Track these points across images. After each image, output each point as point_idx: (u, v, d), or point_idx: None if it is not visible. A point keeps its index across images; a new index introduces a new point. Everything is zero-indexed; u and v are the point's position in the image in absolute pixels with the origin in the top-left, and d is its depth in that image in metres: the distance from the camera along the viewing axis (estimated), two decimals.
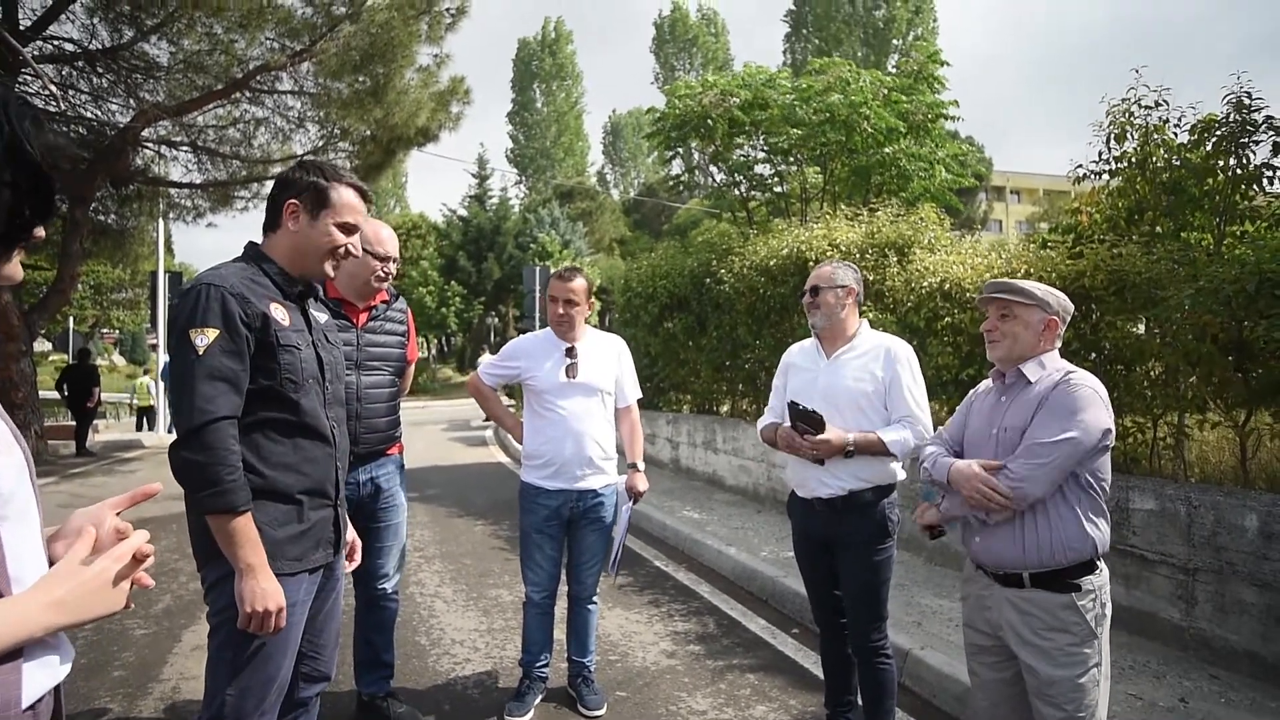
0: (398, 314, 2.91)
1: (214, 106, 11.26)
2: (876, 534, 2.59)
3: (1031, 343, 2.05)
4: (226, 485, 1.62)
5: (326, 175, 1.84)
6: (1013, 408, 2.07)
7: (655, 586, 4.74)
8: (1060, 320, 2.07)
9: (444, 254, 32.42)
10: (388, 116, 9.88)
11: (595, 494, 3.08)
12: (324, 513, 1.84)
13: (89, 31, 10.82)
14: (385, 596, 2.92)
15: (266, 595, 1.64)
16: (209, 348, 1.64)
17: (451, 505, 7.18)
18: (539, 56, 53.30)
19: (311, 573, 1.81)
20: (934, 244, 5.23)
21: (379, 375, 2.78)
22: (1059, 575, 1.96)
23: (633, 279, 8.71)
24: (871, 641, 2.61)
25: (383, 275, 2.74)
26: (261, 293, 1.76)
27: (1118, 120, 4.97)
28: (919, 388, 2.62)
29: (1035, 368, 2.06)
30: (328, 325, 1.99)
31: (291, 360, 1.75)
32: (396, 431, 2.90)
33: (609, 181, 56.00)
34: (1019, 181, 45.08)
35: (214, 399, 1.64)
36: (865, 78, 7.45)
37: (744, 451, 6.93)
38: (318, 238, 1.82)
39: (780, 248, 5.97)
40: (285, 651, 1.75)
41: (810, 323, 2.72)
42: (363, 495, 2.75)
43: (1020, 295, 2.06)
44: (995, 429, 2.09)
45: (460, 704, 3.16)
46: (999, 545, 2.02)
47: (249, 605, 1.63)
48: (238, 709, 1.67)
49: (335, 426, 1.89)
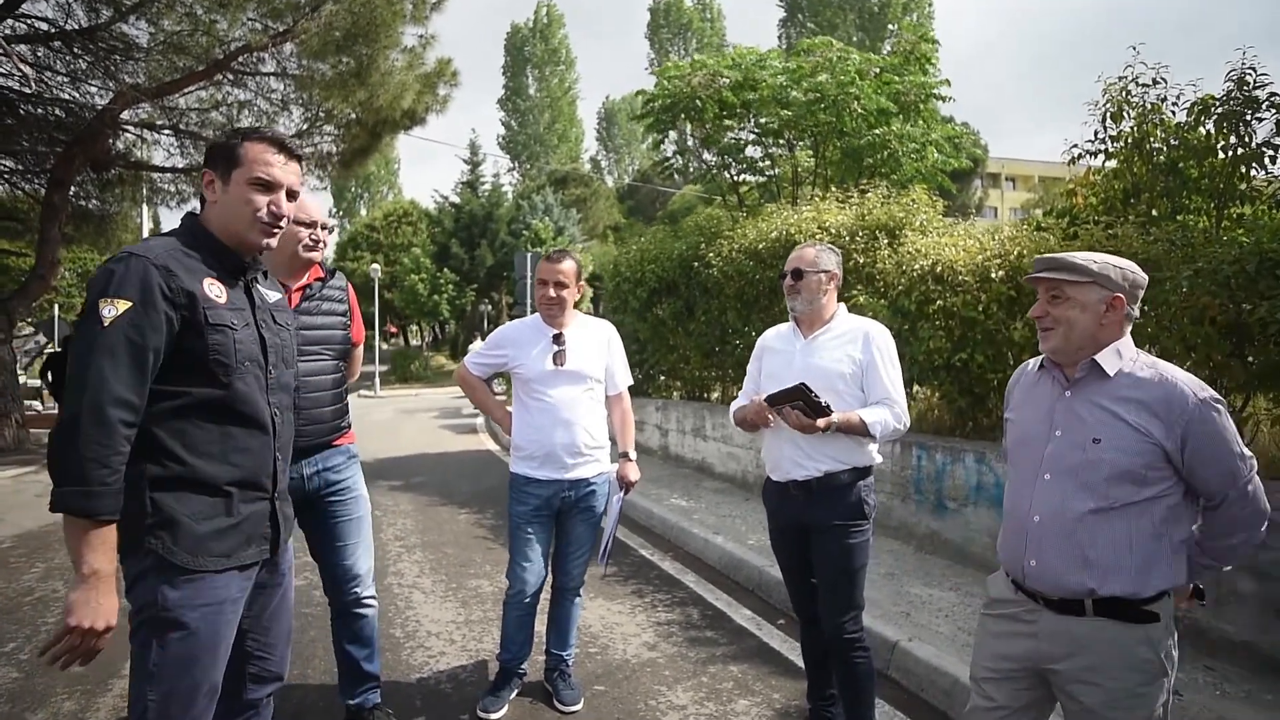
0: (336, 291, 2.58)
1: (196, 89, 11.00)
2: (851, 516, 2.49)
3: (1091, 328, 1.68)
4: (95, 488, 1.43)
5: (243, 133, 1.68)
6: (1088, 409, 1.70)
7: (639, 576, 4.63)
8: (1128, 297, 1.69)
9: (436, 241, 32.14)
10: (372, 99, 9.65)
11: (587, 483, 2.97)
12: (257, 506, 1.69)
13: (64, 11, 10.56)
14: (358, 603, 2.62)
15: (98, 611, 1.45)
16: (116, 320, 1.47)
17: (435, 494, 7.06)
18: (531, 41, 52.73)
19: (243, 570, 1.67)
20: (926, 226, 5.10)
21: (319, 361, 2.47)
22: (1134, 602, 1.62)
23: (621, 264, 8.57)
24: (847, 633, 2.50)
25: (310, 243, 2.40)
26: (194, 267, 1.61)
27: (1114, 99, 4.84)
28: (896, 372, 2.55)
29: (1112, 358, 1.68)
30: (277, 305, 1.84)
31: (223, 341, 1.60)
32: (344, 421, 2.61)
33: (603, 168, 55.60)
34: (1014, 168, 44.95)
35: (109, 379, 1.46)
36: (855, 57, 7.28)
37: (733, 439, 6.82)
38: (235, 203, 1.66)
39: (769, 230, 5.84)
40: (215, 655, 1.61)
41: (789, 305, 2.63)
42: (309, 490, 2.47)
43: (1072, 272, 1.68)
44: (1058, 430, 1.74)
45: (432, 700, 3.05)
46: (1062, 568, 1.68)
47: (75, 617, 1.43)
48: (162, 713, 1.54)
49: (278, 414, 1.75)
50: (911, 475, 4.73)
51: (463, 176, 34.53)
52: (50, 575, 4.69)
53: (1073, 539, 1.68)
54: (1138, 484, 1.63)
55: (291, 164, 1.74)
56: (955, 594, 3.95)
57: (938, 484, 4.53)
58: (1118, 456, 1.63)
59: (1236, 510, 1.64)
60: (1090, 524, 1.66)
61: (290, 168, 1.74)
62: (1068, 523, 1.69)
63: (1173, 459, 1.62)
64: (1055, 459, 1.73)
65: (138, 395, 1.50)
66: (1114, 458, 1.64)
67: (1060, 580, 1.69)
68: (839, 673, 2.58)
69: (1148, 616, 1.62)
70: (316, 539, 2.60)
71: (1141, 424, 1.62)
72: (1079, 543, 1.67)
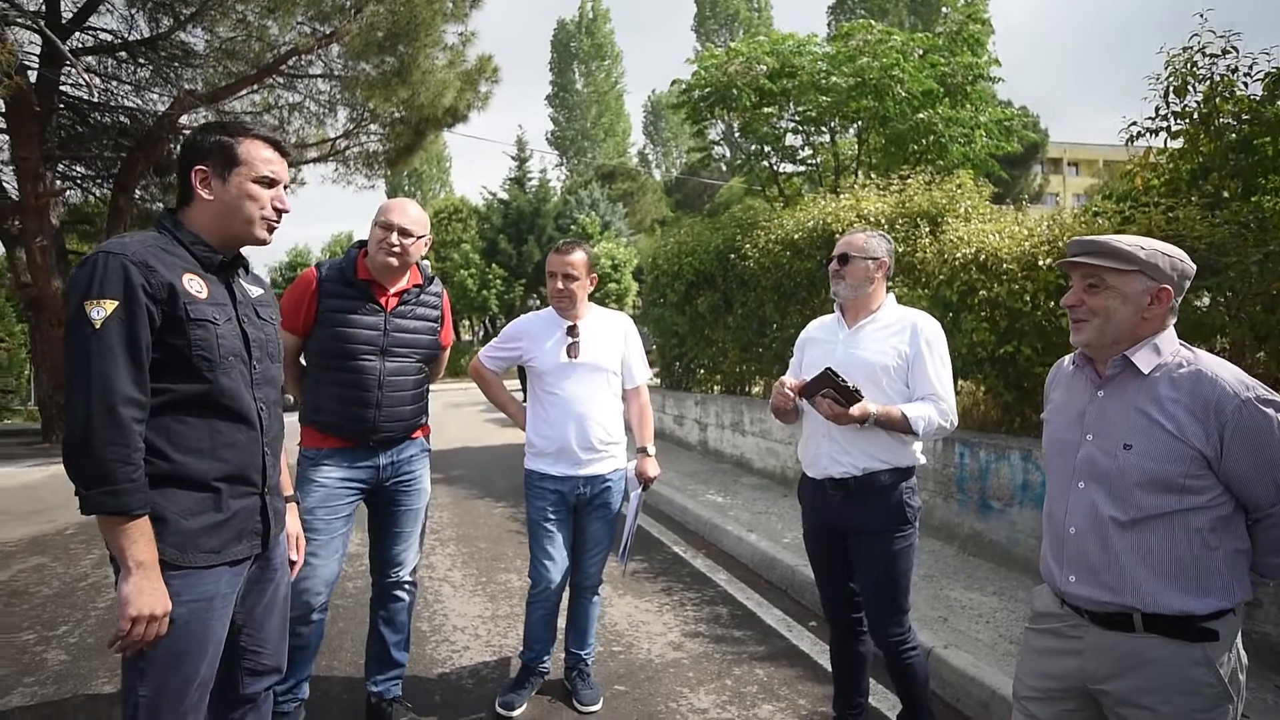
0: (432, 298, 2.75)
1: (248, 92, 11.37)
2: (894, 520, 2.36)
3: (1131, 322, 1.52)
4: (123, 485, 1.46)
5: (230, 131, 1.67)
6: (1119, 411, 1.54)
7: (669, 573, 4.56)
8: (1175, 289, 1.52)
9: (485, 237, 32.54)
10: (414, 96, 9.78)
11: (602, 479, 2.92)
12: (247, 501, 1.68)
13: (128, 22, 11.03)
14: (398, 585, 2.74)
15: (155, 599, 1.49)
16: (106, 320, 1.47)
17: (474, 487, 7.12)
18: (577, 37, 52.90)
19: (233, 565, 1.66)
20: (970, 213, 4.86)
21: (404, 362, 2.63)
22: (1190, 620, 1.46)
23: (659, 257, 8.47)
24: (892, 636, 2.41)
25: (387, 247, 2.52)
26: (173, 262, 1.60)
27: (1178, 71, 4.51)
28: (945, 368, 2.39)
29: (1149, 355, 1.52)
30: (260, 300, 1.82)
31: (205, 335, 1.59)
32: (423, 418, 2.77)
33: (650, 162, 55.44)
34: (1077, 153, 42.97)
35: (114, 380, 1.47)
36: (897, 38, 7.00)
37: (772, 434, 6.67)
38: (237, 200, 1.66)
39: (806, 220, 5.66)
40: (204, 650, 1.60)
41: (833, 292, 2.49)
42: (382, 478, 2.65)
43: (1115, 258, 1.51)
44: (1089, 434, 1.58)
45: (452, 695, 3.05)
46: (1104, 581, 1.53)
47: (133, 608, 1.47)
48: (153, 711, 1.54)
49: (264, 408, 1.73)
50: (954, 473, 4.53)
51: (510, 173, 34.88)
52: (104, 562, 4.88)
53: (1110, 551, 1.53)
54: (1176, 492, 1.47)
55: (284, 159, 1.77)
56: (998, 599, 3.75)
57: (981, 483, 4.32)
58: (1150, 464, 1.48)
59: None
60: (1126, 536, 1.52)
61: (284, 163, 1.76)
62: (1103, 534, 1.54)
63: (1214, 466, 1.45)
64: (1088, 465, 1.58)
65: (142, 391, 1.52)
66: (1146, 464, 1.48)
67: (1100, 596, 1.54)
68: (892, 671, 2.50)
69: (1205, 634, 1.45)
70: (377, 521, 2.75)
71: (1177, 428, 1.46)
72: (1116, 555, 1.52)
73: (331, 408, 2.58)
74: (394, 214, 2.55)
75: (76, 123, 11.60)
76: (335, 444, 2.60)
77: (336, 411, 2.58)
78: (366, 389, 2.56)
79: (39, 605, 4.07)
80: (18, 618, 3.88)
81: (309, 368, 2.67)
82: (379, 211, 2.59)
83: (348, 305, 2.57)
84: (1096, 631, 1.56)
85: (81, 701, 2.98)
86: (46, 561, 4.91)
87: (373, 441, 2.61)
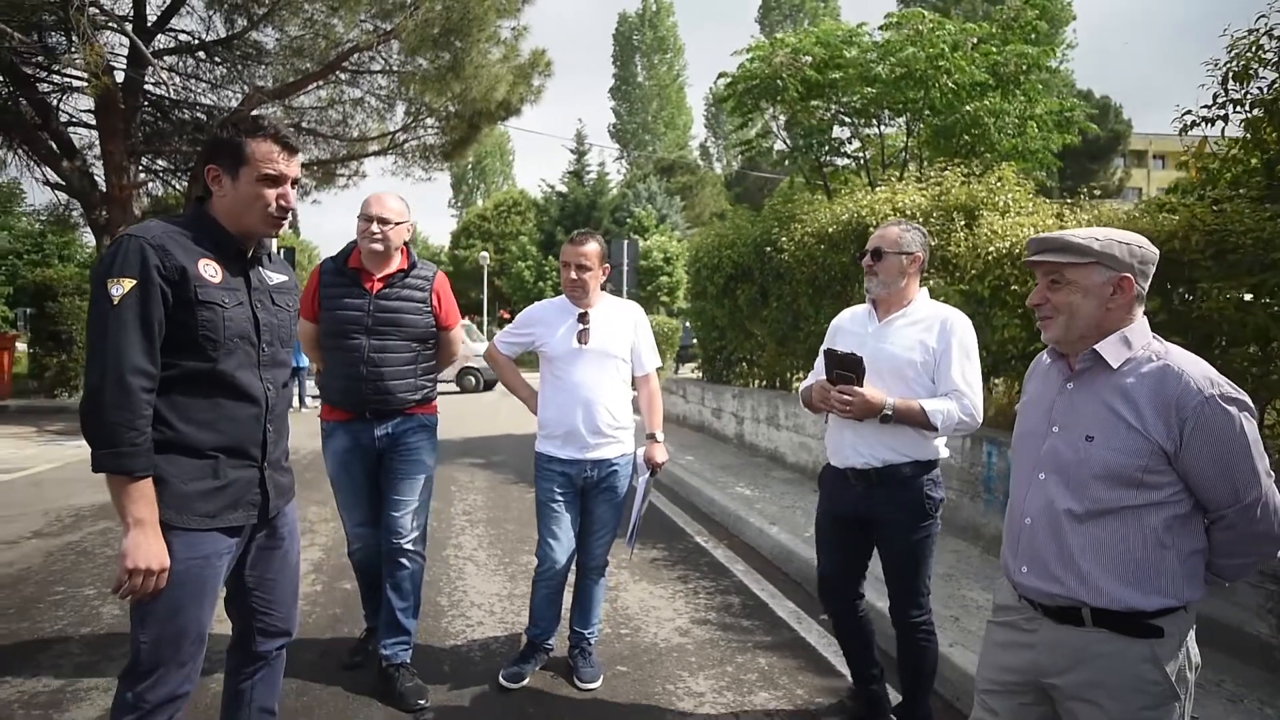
0: (418, 281, 2.94)
1: (314, 88, 11.87)
2: (914, 512, 2.41)
3: (1096, 315, 1.51)
4: (126, 449, 1.59)
5: (241, 129, 1.77)
6: (1086, 403, 1.54)
7: (688, 562, 4.61)
8: (1137, 276, 1.50)
9: (542, 229, 33.04)
10: (466, 90, 10.05)
11: (609, 464, 3.00)
12: (245, 473, 1.81)
13: (206, 23, 11.67)
14: (401, 552, 2.89)
15: (150, 554, 1.61)
16: (124, 297, 1.61)
17: (510, 472, 7.31)
18: (639, 30, 52.93)
19: (228, 531, 1.79)
20: (1008, 207, 4.71)
21: (389, 340, 2.86)
22: (1137, 616, 1.46)
23: (701, 249, 8.48)
24: (911, 618, 2.49)
25: (369, 236, 2.80)
26: (191, 248, 1.73)
27: (1242, 55, 4.24)
28: (972, 366, 2.38)
29: (1118, 347, 1.51)
30: (279, 288, 1.94)
31: (211, 317, 1.72)
32: (418, 395, 2.96)
33: (711, 155, 55.11)
34: (1163, 145, 40.55)
35: (127, 350, 1.61)
36: (948, 28, 6.78)
37: (805, 428, 6.62)
38: (245, 197, 1.78)
39: (841, 213, 5.59)
40: (200, 603, 1.74)
41: (866, 286, 2.50)
42: (379, 447, 2.90)
43: (1070, 253, 1.51)
44: (1055, 426, 1.58)
45: (460, 665, 3.18)
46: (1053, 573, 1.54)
47: (130, 560, 1.59)
48: (153, 656, 1.70)
49: (271, 388, 1.85)
50: (981, 473, 4.42)
51: (570, 166, 35.29)
52: None
53: (1062, 544, 1.53)
54: (1133, 487, 1.46)
55: (294, 157, 1.84)
56: None
57: (1008, 483, 4.20)
58: (1110, 455, 1.47)
59: (1240, 530, 1.45)
60: (1078, 529, 1.52)
61: (294, 160, 1.84)
62: (1057, 526, 1.55)
63: (1173, 461, 1.44)
64: (1051, 457, 1.58)
65: (152, 363, 1.65)
66: (1106, 456, 1.48)
67: (1050, 588, 1.55)
68: (902, 653, 2.57)
69: (1151, 631, 1.45)
70: (380, 489, 2.98)
71: (1140, 421, 1.45)
72: (1068, 548, 1.52)
73: (332, 384, 2.92)
74: (373, 206, 2.81)
75: (159, 119, 12.35)
76: (340, 416, 2.93)
77: (336, 387, 2.90)
78: (355, 365, 2.83)
79: (101, 565, 4.41)
80: (83, 574, 4.23)
81: (321, 349, 2.97)
82: (361, 206, 2.85)
83: (340, 291, 2.88)
84: (1049, 625, 1.56)
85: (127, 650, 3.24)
86: (112, 525, 5.31)
87: (368, 413, 2.87)
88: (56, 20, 9.79)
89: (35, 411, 12.07)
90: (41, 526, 5.26)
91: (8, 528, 5.21)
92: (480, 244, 35.40)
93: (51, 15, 9.70)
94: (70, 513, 5.64)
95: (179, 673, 1.73)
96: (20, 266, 24.61)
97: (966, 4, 36.54)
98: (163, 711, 1.71)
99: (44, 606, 3.74)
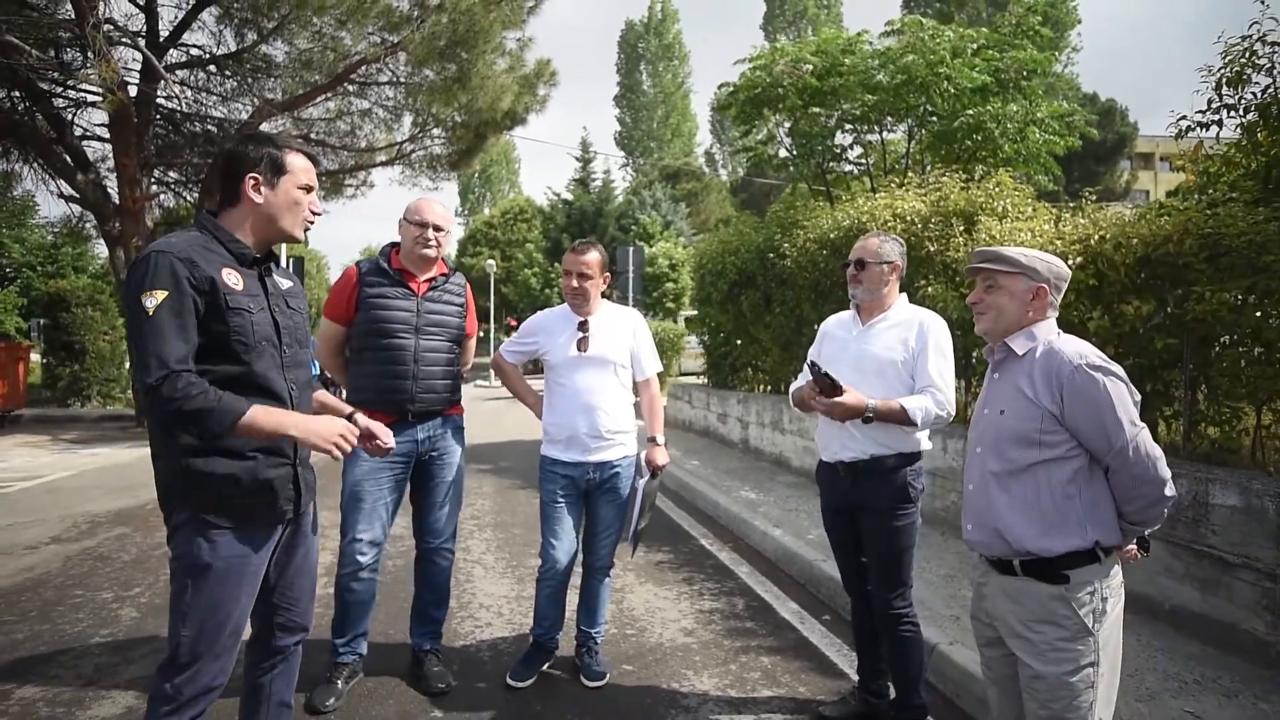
0: (455, 287, 3.11)
1: (322, 100, 12.04)
2: (897, 498, 2.58)
3: (1018, 314, 1.91)
4: (215, 406, 1.69)
5: (278, 144, 1.93)
6: (1004, 386, 1.93)
7: (693, 564, 4.67)
8: (1051, 287, 1.91)
9: (549, 236, 33.21)
10: (473, 101, 10.19)
11: (611, 466, 3.08)
12: (280, 471, 1.90)
13: (216, 38, 11.87)
14: (436, 551, 3.07)
15: (327, 431, 1.81)
16: (158, 308, 1.70)
17: (518, 478, 7.39)
18: (645, 38, 53.20)
19: (267, 528, 1.88)
20: (1006, 212, 4.77)
21: (436, 340, 2.99)
22: (1050, 564, 1.81)
23: (704, 256, 8.56)
24: (893, 609, 2.61)
25: (424, 241, 2.93)
26: (213, 258, 1.83)
27: (1236, 60, 4.30)
28: (946, 363, 2.60)
29: (1023, 340, 1.92)
30: (290, 292, 2.06)
31: (241, 322, 1.81)
32: (456, 395, 3.11)
33: (717, 161, 55.23)
34: (1170, 147, 40.37)
35: (167, 350, 1.69)
36: (949, 34, 6.85)
37: (809, 432, 6.68)
38: (283, 203, 1.92)
39: (842, 220, 5.65)
40: (237, 598, 1.83)
41: (851, 294, 2.73)
42: (420, 450, 2.99)
43: (1003, 263, 1.92)
44: (985, 408, 1.98)
45: (469, 665, 3.25)
46: (989, 528, 1.90)
47: (323, 443, 1.81)
48: (192, 649, 1.78)
49: (294, 388, 1.95)
50: None
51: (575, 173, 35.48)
52: None
53: (990, 502, 1.90)
54: (1033, 446, 1.81)
55: (315, 169, 2.04)
56: None
57: None
58: (1015, 423, 1.85)
59: (1123, 474, 1.77)
60: (998, 487, 1.88)
61: (314, 173, 2.03)
62: (986, 487, 1.92)
63: (1062, 421, 1.79)
64: (982, 433, 1.97)
65: (188, 346, 1.73)
66: (1012, 423, 1.86)
67: (985, 542, 1.92)
68: (888, 646, 2.69)
69: (1059, 578, 1.79)
70: (416, 493, 3.09)
71: (1034, 393, 1.82)
72: (993, 505, 1.89)
73: (370, 385, 2.94)
74: (427, 213, 2.95)
75: (171, 132, 12.55)
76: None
77: (375, 388, 2.92)
78: (403, 363, 2.92)
79: (119, 569, 4.51)
80: (100, 579, 4.33)
81: (351, 352, 3.02)
82: (412, 211, 2.97)
83: (385, 292, 2.95)
84: (995, 576, 1.93)
85: (146, 652, 3.34)
86: (128, 531, 5.42)
87: (411, 415, 2.93)
88: (72, 37, 10.00)
89: (49, 420, 12.25)
90: (59, 532, 5.37)
91: (26, 533, 5.33)
92: (487, 251, 35.66)
93: (67, 32, 9.91)
94: (86, 519, 5.76)
95: (215, 665, 1.82)
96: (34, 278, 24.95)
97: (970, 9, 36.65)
98: (198, 703, 1.80)
99: (64, 609, 3.84)
